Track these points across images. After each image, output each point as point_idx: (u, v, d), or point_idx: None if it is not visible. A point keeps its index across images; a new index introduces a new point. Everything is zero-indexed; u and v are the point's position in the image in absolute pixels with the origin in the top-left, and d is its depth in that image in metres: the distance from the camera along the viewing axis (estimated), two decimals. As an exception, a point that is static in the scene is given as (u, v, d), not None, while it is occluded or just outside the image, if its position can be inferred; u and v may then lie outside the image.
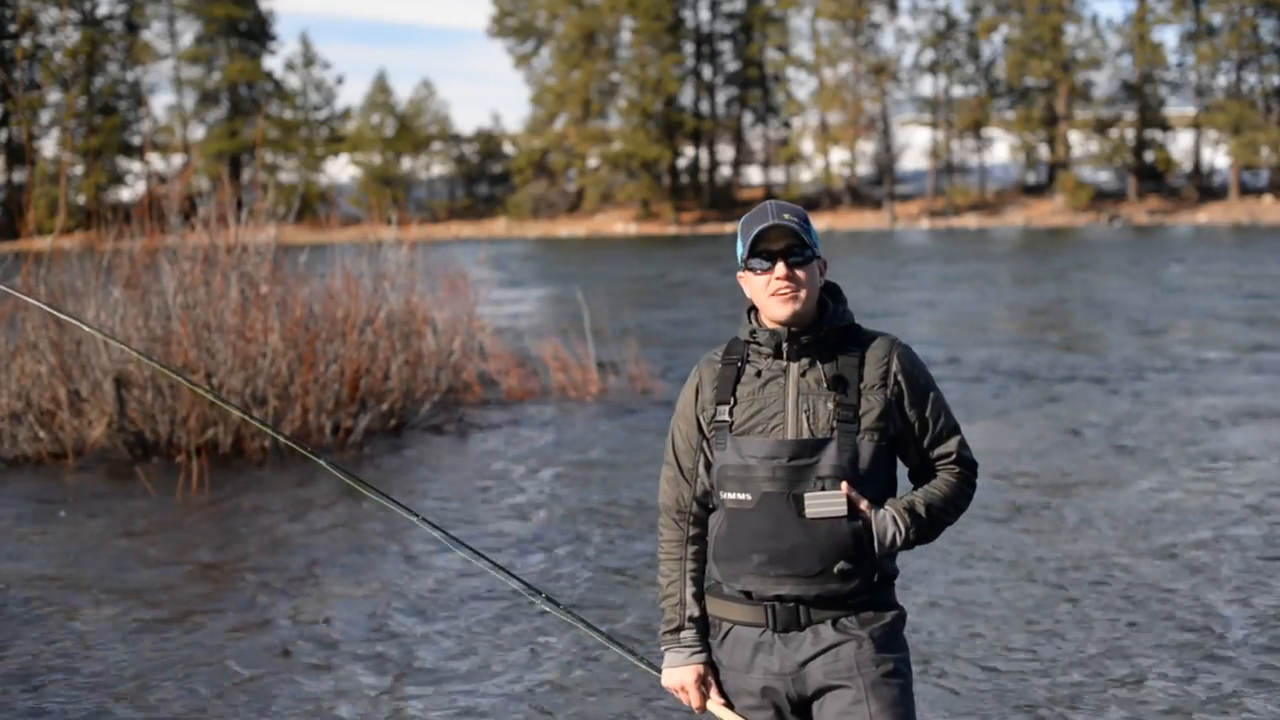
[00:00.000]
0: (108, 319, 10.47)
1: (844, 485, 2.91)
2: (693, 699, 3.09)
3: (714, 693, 3.08)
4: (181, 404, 10.26)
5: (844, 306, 3.05)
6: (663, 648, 3.14)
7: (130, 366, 10.33)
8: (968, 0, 69.11)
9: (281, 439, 3.45)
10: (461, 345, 12.77)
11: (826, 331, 2.99)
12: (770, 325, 3.00)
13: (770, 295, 2.97)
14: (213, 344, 10.37)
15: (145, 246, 10.98)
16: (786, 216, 2.98)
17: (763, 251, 2.98)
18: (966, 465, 3.08)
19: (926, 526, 3.00)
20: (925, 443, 3.04)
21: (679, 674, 3.10)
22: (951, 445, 3.06)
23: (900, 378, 2.99)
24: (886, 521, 2.95)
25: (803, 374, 2.97)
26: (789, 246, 2.97)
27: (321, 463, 3.35)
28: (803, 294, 2.96)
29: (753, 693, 3.00)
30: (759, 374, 2.99)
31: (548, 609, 3.32)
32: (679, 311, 23.38)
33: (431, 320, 12.52)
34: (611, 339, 14.84)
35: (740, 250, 3.03)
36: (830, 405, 2.93)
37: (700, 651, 3.09)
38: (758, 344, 3.00)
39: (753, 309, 3.06)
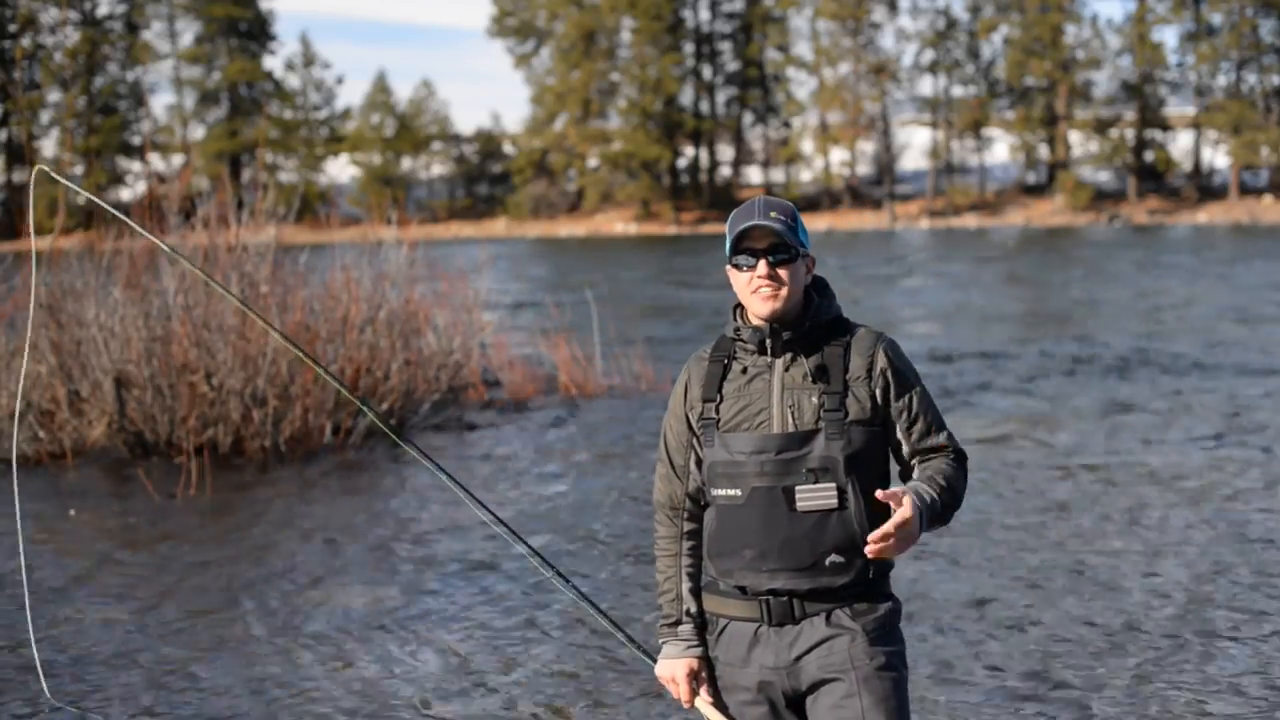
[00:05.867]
0: (108, 319, 10.47)
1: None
2: (682, 692, 3.11)
3: (704, 690, 3.10)
4: (181, 404, 10.26)
5: (830, 301, 3.06)
6: (660, 640, 3.16)
7: (130, 366, 10.33)
8: (968, 0, 69.15)
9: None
10: (463, 345, 12.77)
11: (811, 326, 3.00)
12: (755, 322, 3.02)
13: (752, 293, 2.99)
14: (213, 344, 10.37)
15: (145, 246, 10.97)
16: (773, 215, 2.98)
17: (746, 249, 2.99)
18: (960, 456, 3.05)
19: (949, 497, 2.95)
20: (915, 436, 3.01)
21: (672, 666, 3.11)
22: (943, 438, 3.03)
23: (887, 372, 2.98)
24: (921, 490, 2.90)
25: (786, 369, 2.98)
26: (772, 245, 2.97)
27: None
28: (784, 292, 2.97)
29: (748, 688, 3.02)
30: (745, 370, 3.01)
31: (561, 585, 3.28)
32: (681, 309, 23.38)
33: (432, 320, 12.52)
34: (615, 337, 14.82)
35: (727, 245, 3.04)
36: (815, 399, 2.94)
37: (696, 646, 3.11)
38: (743, 341, 3.03)
39: (739, 306, 3.08)
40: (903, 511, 2.82)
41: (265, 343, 10.45)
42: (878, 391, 2.97)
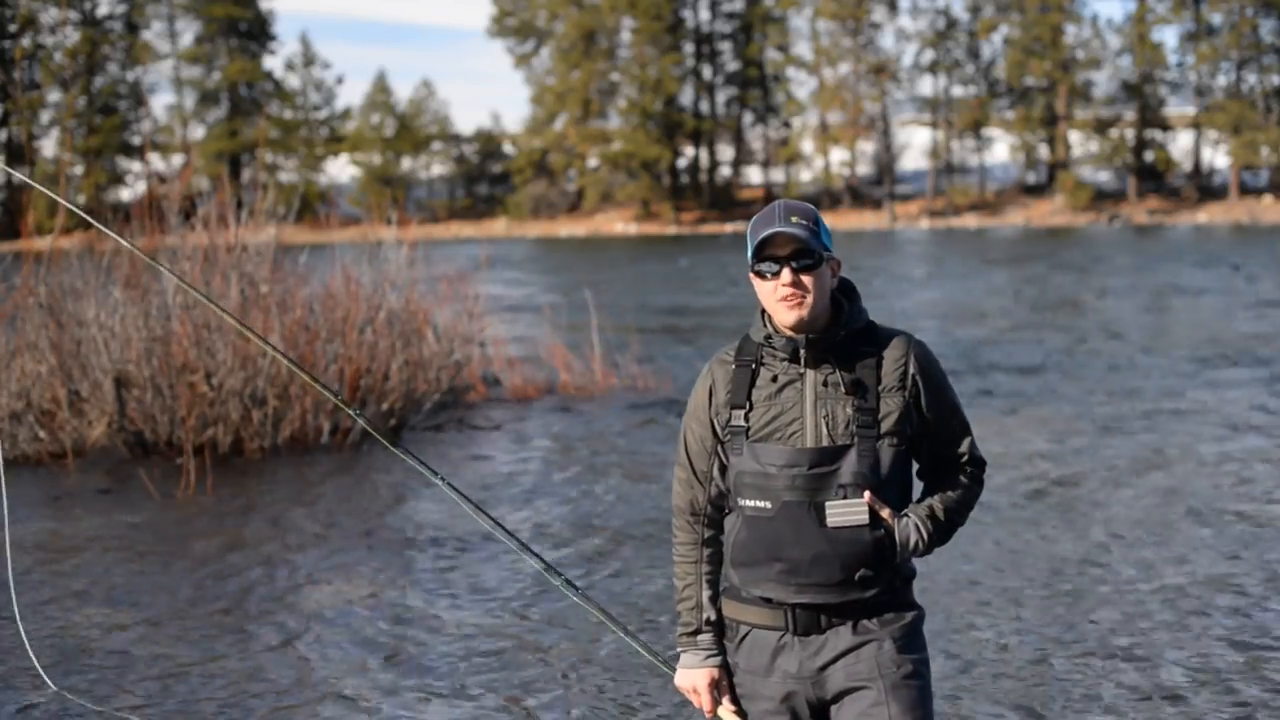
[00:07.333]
0: (108, 319, 10.48)
1: (866, 494, 2.88)
2: (704, 702, 3.06)
3: (725, 698, 3.06)
4: (181, 404, 10.26)
5: (859, 306, 3.00)
6: (679, 649, 3.11)
7: (130, 366, 10.33)
8: (968, 0, 69.16)
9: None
10: (463, 345, 12.77)
11: (844, 336, 2.94)
12: (784, 331, 2.94)
13: (777, 301, 2.91)
14: (213, 344, 10.38)
15: (145, 246, 10.98)
16: (794, 219, 2.91)
17: (769, 256, 2.91)
18: (978, 464, 3.07)
19: (945, 531, 3.01)
20: (940, 442, 3.02)
21: (693, 676, 3.07)
22: (964, 445, 3.04)
23: (918, 378, 2.95)
24: (909, 530, 2.93)
25: (822, 381, 2.91)
26: (794, 251, 2.90)
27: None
28: (810, 299, 2.90)
29: (770, 697, 2.97)
30: (775, 378, 2.93)
31: (570, 594, 3.30)
32: (681, 310, 23.37)
33: (432, 320, 12.52)
34: (614, 338, 14.83)
35: (749, 252, 2.97)
36: (849, 410, 2.89)
37: (716, 655, 3.06)
38: (773, 348, 2.95)
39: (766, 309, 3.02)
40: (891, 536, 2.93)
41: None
42: (910, 401, 2.94)
